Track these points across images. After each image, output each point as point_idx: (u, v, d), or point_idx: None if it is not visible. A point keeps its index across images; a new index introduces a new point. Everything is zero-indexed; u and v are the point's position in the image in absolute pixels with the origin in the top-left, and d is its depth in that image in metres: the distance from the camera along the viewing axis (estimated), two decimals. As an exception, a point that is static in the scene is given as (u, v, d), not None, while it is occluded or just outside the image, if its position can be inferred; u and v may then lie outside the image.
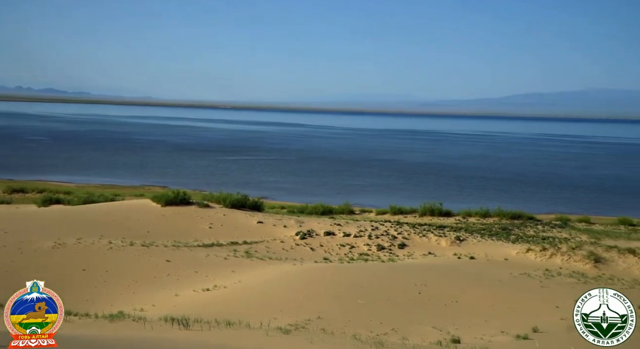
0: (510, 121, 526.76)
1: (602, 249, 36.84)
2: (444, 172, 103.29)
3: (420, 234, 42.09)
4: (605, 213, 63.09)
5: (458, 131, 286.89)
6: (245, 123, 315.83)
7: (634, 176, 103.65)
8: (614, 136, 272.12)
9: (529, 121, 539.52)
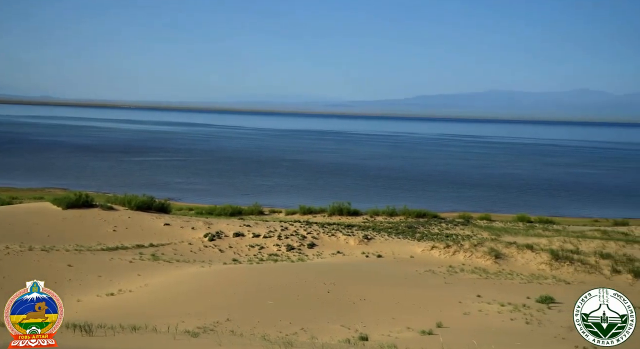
0: (415, 121, 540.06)
1: (502, 246, 38.29)
2: (351, 172, 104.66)
3: (329, 234, 42.44)
4: (504, 211, 65.66)
5: (364, 132, 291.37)
6: (150, 123, 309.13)
7: (528, 175, 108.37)
8: (512, 136, 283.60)
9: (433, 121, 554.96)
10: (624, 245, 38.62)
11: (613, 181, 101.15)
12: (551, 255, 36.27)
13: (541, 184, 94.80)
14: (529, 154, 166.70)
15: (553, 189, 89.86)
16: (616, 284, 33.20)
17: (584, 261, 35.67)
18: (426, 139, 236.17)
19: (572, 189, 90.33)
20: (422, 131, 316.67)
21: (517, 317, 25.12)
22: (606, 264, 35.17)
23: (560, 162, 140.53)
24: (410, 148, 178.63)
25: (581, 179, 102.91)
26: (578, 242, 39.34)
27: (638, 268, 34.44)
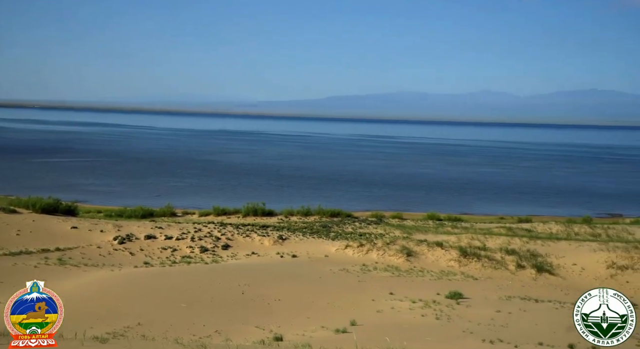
0: (327, 122, 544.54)
1: (414, 244, 39.16)
2: (265, 172, 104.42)
3: (243, 235, 42.18)
4: (415, 209, 67.10)
5: (277, 132, 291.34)
6: (57, 123, 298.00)
7: (437, 174, 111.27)
8: (421, 136, 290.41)
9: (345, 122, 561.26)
10: (527, 241, 40.28)
11: (516, 179, 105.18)
12: (460, 252, 37.39)
13: (449, 182, 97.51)
14: (437, 153, 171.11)
15: (460, 187, 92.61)
16: (521, 279, 34.61)
17: (490, 257, 36.95)
18: (338, 140, 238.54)
19: (478, 187, 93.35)
20: (334, 131, 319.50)
21: (428, 313, 25.73)
22: (511, 260, 36.56)
23: (466, 161, 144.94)
24: (323, 148, 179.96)
25: (487, 178, 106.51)
26: (485, 239, 40.72)
27: (541, 263, 36.00)
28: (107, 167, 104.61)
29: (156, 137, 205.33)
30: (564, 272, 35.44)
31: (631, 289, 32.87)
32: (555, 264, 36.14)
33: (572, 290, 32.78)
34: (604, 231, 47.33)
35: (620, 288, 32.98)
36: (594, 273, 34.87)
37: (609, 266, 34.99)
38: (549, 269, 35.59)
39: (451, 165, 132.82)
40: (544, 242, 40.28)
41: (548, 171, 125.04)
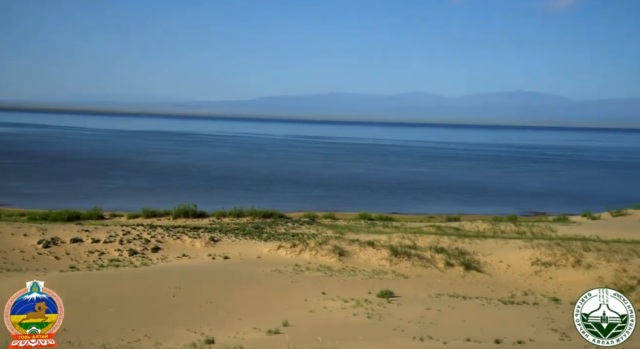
0: (259, 122, 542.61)
1: (346, 243, 39.44)
2: (197, 173, 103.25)
3: (174, 237, 41.57)
4: (347, 209, 67.63)
5: (209, 133, 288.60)
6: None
7: (368, 174, 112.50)
8: (353, 137, 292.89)
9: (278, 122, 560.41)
10: (456, 240, 41.11)
11: (445, 179, 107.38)
12: (391, 251, 37.89)
13: (381, 182, 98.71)
14: (369, 154, 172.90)
15: (392, 187, 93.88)
16: (450, 277, 35.34)
17: (420, 256, 37.59)
18: (270, 140, 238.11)
19: (409, 187, 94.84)
20: (266, 132, 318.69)
21: (360, 312, 25.96)
22: (440, 258, 37.29)
23: (397, 161, 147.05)
24: (255, 149, 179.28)
25: (417, 178, 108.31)
26: (415, 238, 41.36)
27: (468, 261, 36.84)
28: (32, 169, 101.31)
29: (87, 138, 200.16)
30: (491, 269, 36.36)
31: (554, 285, 34.01)
32: (482, 261, 37.03)
33: (499, 287, 33.67)
34: (528, 229, 48.79)
35: (543, 284, 34.14)
36: (519, 270, 35.89)
37: (534, 262, 36.09)
38: (477, 266, 36.45)
39: (383, 165, 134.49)
40: (471, 240, 41.21)
41: (476, 170, 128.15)
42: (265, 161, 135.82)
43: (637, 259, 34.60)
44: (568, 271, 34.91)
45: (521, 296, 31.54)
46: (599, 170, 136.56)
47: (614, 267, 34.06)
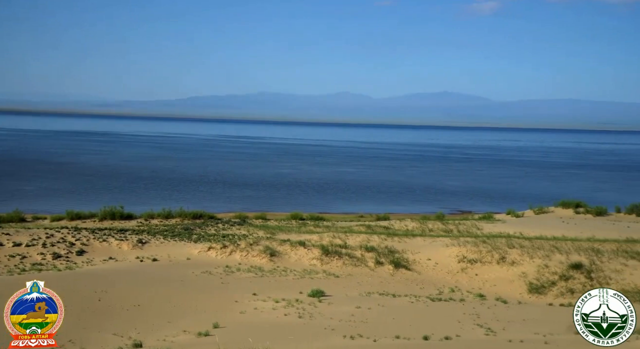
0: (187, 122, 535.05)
1: (277, 244, 39.39)
2: (121, 174, 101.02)
3: (100, 239, 40.52)
4: (278, 209, 67.56)
5: (134, 133, 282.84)
6: None
7: (299, 174, 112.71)
8: (282, 137, 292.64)
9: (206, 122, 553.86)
10: (385, 238, 41.63)
11: (374, 179, 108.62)
12: (322, 250, 38.08)
13: (310, 182, 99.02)
14: (298, 154, 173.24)
15: (321, 187, 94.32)
16: (380, 275, 35.78)
17: (351, 255, 37.92)
18: (198, 140, 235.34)
19: (338, 187, 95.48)
20: (194, 132, 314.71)
21: (291, 312, 25.97)
22: (371, 257, 37.72)
23: (326, 161, 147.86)
24: (183, 149, 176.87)
25: (346, 177, 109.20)
26: (346, 237, 41.67)
27: (398, 259, 37.41)
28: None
29: (2, 139, 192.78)
30: (420, 267, 37.02)
31: (480, 281, 34.91)
32: (411, 259, 37.67)
33: (427, 284, 34.33)
34: (455, 227, 49.90)
35: (469, 281, 35.00)
36: (446, 267, 36.67)
37: (460, 260, 36.95)
38: (406, 264, 37.04)
39: (311, 165, 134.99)
40: (400, 239, 41.84)
41: (402, 170, 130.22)
42: (193, 161, 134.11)
43: (558, 256, 35.90)
44: (493, 268, 35.90)
45: (448, 293, 32.23)
46: (519, 169, 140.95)
47: (537, 263, 35.23)
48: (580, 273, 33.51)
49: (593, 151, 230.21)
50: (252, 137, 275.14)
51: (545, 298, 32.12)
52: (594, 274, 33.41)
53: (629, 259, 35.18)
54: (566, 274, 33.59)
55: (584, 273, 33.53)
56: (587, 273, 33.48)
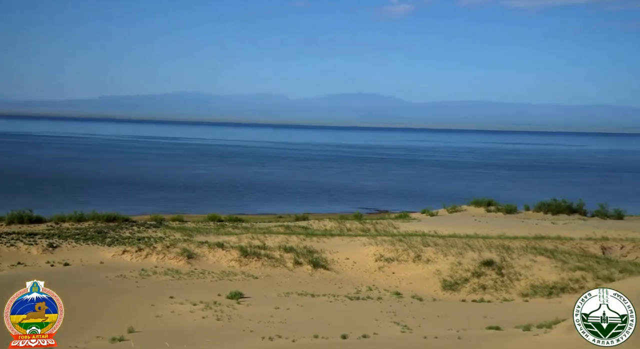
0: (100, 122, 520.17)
1: (195, 246, 38.89)
2: (29, 176, 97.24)
3: (8, 244, 38.88)
4: (196, 211, 66.61)
5: (40, 133, 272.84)
6: None
7: (216, 175, 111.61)
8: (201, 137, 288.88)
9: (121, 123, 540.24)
10: (304, 238, 41.81)
11: (292, 179, 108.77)
12: (240, 252, 37.87)
13: (227, 183, 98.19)
14: (214, 154, 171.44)
15: (239, 188, 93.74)
16: (298, 275, 35.90)
17: (270, 256, 37.88)
18: (110, 141, 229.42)
19: (257, 187, 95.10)
20: (107, 133, 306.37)
21: (209, 315, 25.71)
22: (289, 257, 37.80)
23: (244, 162, 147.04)
24: (93, 150, 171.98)
25: (264, 178, 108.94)
26: (265, 238, 41.59)
27: (316, 259, 37.64)
28: None
29: None
30: (338, 266, 37.37)
31: (396, 279, 35.58)
32: (329, 259, 37.98)
33: (345, 283, 34.71)
34: (372, 226, 50.64)
35: (386, 279, 35.62)
36: (364, 266, 37.18)
37: (378, 258, 37.54)
38: (324, 264, 37.32)
39: (228, 166, 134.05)
40: (319, 239, 42.10)
41: (320, 170, 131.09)
42: (104, 162, 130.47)
43: (471, 253, 37.02)
44: (409, 266, 36.66)
45: (366, 292, 32.70)
46: (432, 169, 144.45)
47: (451, 261, 36.21)
48: (491, 270, 34.67)
49: (500, 151, 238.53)
50: (168, 138, 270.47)
51: (459, 295, 33.06)
52: (504, 271, 34.63)
53: (537, 255, 36.68)
54: (478, 271, 34.68)
55: (495, 269, 34.71)
56: (498, 270, 34.67)
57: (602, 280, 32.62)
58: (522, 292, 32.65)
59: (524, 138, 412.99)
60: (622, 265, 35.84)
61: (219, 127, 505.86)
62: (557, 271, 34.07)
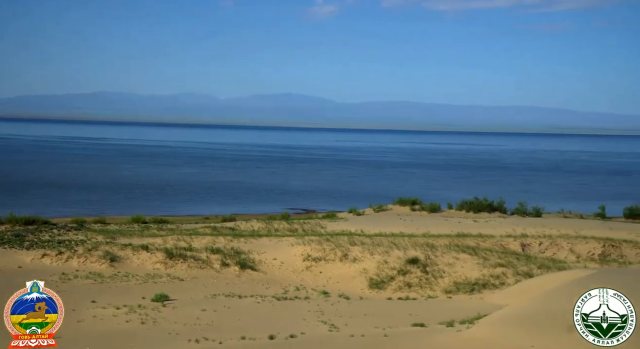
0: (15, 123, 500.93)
1: (118, 248, 38.02)
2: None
3: None
4: (118, 213, 65.09)
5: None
6: None
7: (138, 176, 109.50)
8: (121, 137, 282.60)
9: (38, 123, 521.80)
10: (231, 239, 41.53)
11: (215, 180, 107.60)
12: (166, 254, 37.28)
13: (152, 184, 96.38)
14: (137, 155, 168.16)
15: (164, 189, 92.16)
16: (226, 277, 35.63)
17: (196, 257, 37.43)
18: (26, 142, 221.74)
19: (182, 188, 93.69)
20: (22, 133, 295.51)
21: (133, 318, 25.19)
22: (216, 259, 37.45)
23: (168, 162, 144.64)
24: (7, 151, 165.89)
25: (190, 179, 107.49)
26: (191, 239, 41.09)
27: (244, 260, 37.44)
28: None
29: None
30: (265, 267, 37.30)
31: (324, 278, 35.79)
32: (257, 260, 37.85)
33: (273, 284, 34.68)
34: (300, 226, 50.73)
35: (314, 278, 35.79)
36: (292, 266, 37.24)
37: (305, 258, 37.68)
38: (252, 265, 37.18)
39: (154, 167, 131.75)
40: (246, 239, 41.89)
41: (247, 170, 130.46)
42: (21, 164, 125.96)
43: (396, 251, 37.60)
44: (336, 265, 36.95)
45: (294, 292, 32.76)
46: (359, 168, 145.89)
47: (377, 259, 36.70)
48: (416, 268, 35.31)
49: (426, 151, 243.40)
50: (89, 138, 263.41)
51: (385, 293, 33.54)
52: (429, 268, 35.33)
53: (460, 252, 37.60)
54: (404, 269, 35.26)
55: (420, 267, 35.38)
56: (422, 267, 35.35)
57: (522, 276, 33.74)
58: (446, 289, 33.39)
59: (448, 138, 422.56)
60: (541, 261, 37.17)
61: (143, 127, 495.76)
62: (479, 268, 35.01)
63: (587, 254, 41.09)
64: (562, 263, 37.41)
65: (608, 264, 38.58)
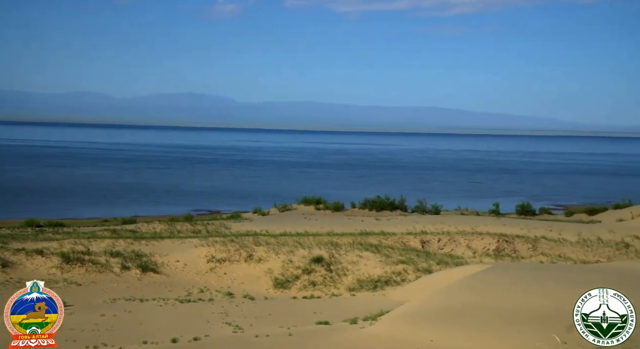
0: None
1: (10, 253, 36.25)
2: None
3: None
4: (9, 216, 62.14)
5: None
6: None
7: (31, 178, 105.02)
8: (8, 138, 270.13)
9: None
10: (132, 242, 40.46)
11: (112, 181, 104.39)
12: (62, 258, 35.87)
13: (47, 187, 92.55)
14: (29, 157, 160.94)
15: (59, 191, 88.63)
16: (126, 281, 34.70)
17: (95, 261, 36.21)
18: None
19: (78, 190, 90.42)
20: None
21: (28, 326, 24.08)
22: (116, 262, 36.37)
23: (62, 164, 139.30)
24: None
25: (86, 180, 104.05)
26: (89, 243, 39.70)
27: (145, 263, 36.56)
28: None
29: None
30: (168, 269, 36.59)
31: (228, 279, 35.52)
32: (159, 262, 37.06)
33: (176, 286, 34.07)
34: (204, 227, 50.09)
35: (218, 280, 35.45)
36: (195, 268, 36.72)
37: (209, 259, 37.24)
38: (154, 268, 36.38)
39: (46, 168, 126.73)
40: (148, 242, 40.92)
41: (145, 171, 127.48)
42: None
43: (301, 251, 37.80)
44: (241, 266, 36.74)
45: (197, 294, 32.32)
46: (262, 169, 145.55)
47: (282, 259, 36.77)
48: (321, 266, 35.64)
49: (326, 151, 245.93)
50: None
51: (290, 292, 33.66)
52: (333, 267, 35.74)
53: (363, 250, 38.24)
54: (308, 268, 35.50)
55: (324, 265, 35.72)
56: (327, 266, 35.71)
57: (422, 272, 34.72)
58: (350, 287, 33.88)
59: (349, 138, 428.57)
60: (439, 257, 38.41)
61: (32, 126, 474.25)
62: (381, 265, 35.73)
63: (483, 249, 42.79)
64: (460, 259, 38.80)
65: (502, 258, 40.35)
